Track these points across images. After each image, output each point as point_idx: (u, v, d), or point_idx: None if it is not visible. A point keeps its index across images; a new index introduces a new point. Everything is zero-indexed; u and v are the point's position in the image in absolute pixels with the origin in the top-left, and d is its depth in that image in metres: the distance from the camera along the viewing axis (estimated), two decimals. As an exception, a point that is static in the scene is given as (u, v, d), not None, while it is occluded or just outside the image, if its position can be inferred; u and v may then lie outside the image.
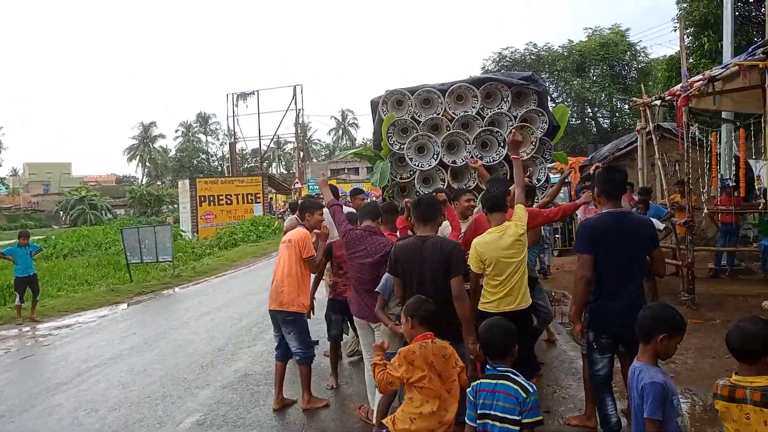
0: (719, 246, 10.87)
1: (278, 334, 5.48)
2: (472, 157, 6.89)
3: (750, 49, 6.08)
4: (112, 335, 9.08)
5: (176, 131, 76.71)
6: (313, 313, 5.84)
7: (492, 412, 3.01)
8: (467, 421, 3.12)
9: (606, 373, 4.03)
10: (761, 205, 9.67)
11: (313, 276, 5.73)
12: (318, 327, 7.26)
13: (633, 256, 3.92)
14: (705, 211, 10.19)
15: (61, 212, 49.45)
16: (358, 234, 4.70)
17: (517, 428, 2.95)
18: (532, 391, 3.02)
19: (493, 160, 7.24)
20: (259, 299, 11.00)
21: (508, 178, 6.79)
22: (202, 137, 78.30)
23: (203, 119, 77.34)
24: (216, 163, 75.38)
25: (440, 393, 3.28)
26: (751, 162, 13.67)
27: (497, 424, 2.98)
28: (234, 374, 6.65)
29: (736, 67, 6.13)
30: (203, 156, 77.50)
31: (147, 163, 74.25)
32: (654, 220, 8.29)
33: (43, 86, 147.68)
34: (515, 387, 3.00)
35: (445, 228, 5.25)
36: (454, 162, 7.36)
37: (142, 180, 73.54)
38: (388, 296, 4.31)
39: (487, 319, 3.30)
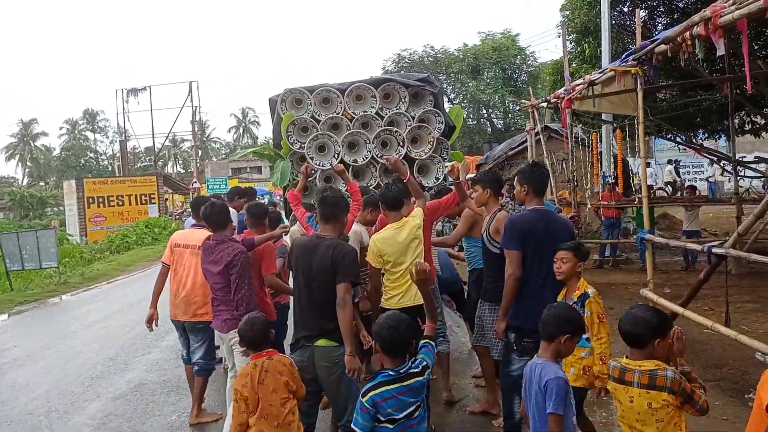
0: (603, 238, 11.70)
1: (184, 340, 5.24)
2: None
3: (624, 56, 6.55)
4: (-11, 350, 8.37)
5: (61, 128, 71.83)
6: None
7: (400, 415, 2.85)
8: (356, 429, 2.88)
9: (519, 374, 3.85)
10: (636, 200, 10.48)
11: None
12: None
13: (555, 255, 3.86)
14: (589, 206, 10.92)
15: (-73, 217, 44.77)
16: (208, 244, 4.58)
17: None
18: (428, 360, 3.00)
19: (393, 159, 7.38)
20: (154, 305, 10.53)
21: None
22: (90, 135, 73.81)
23: (91, 116, 72.83)
24: (106, 162, 71.23)
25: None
26: (630, 160, 14.82)
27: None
28: (127, 384, 6.34)
29: (612, 72, 6.59)
30: (91, 155, 73.05)
31: (28, 163, 68.92)
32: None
33: None
34: (422, 378, 2.93)
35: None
36: (355, 161, 7.42)
37: (22, 181, 68.04)
38: None
39: (385, 316, 3.08)
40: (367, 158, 7.37)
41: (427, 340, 3.11)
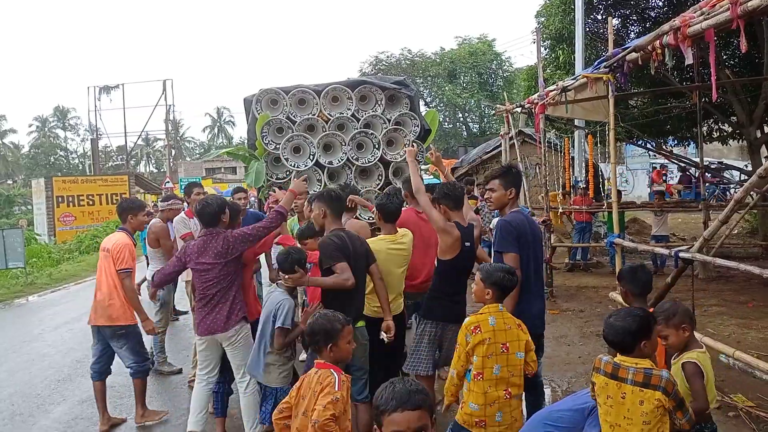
0: (574, 242, 11.85)
1: (98, 347, 5.07)
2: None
3: (596, 63, 6.65)
4: (-50, 352, 8.14)
5: (30, 126, 70.30)
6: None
7: None
8: None
9: None
10: (605, 205, 10.64)
11: None
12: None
13: (540, 256, 4.01)
14: (560, 209, 11.06)
15: None
16: (199, 242, 4.30)
17: None
18: None
19: (369, 162, 7.40)
20: (125, 306, 10.35)
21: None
22: (61, 133, 72.35)
23: (61, 113, 71.36)
24: (77, 160, 69.94)
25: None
26: (602, 166, 15.07)
27: None
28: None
29: (585, 78, 6.69)
30: (62, 153, 71.60)
31: (-5, 160, 67.29)
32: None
33: None
34: None
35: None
36: (330, 163, 7.41)
37: (-12, 179, 66.46)
38: None
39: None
40: (342, 160, 7.37)
41: None
